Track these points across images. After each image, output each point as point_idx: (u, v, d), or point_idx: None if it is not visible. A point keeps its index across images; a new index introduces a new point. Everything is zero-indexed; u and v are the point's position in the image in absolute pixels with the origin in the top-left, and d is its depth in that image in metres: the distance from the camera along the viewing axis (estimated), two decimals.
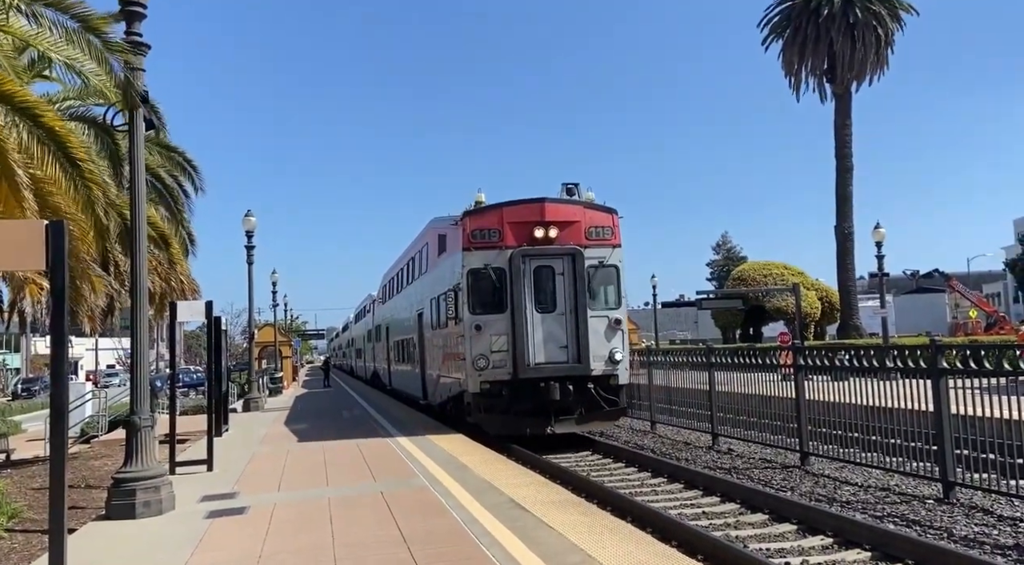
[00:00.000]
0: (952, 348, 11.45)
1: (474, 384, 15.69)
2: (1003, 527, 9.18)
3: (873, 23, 41.40)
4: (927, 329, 58.09)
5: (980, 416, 10.32)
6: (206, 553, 7.68)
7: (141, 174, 10.23)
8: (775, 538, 9.14)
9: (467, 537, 7.67)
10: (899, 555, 8.03)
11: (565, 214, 16.45)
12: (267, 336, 47.02)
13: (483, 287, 16.09)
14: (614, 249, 16.65)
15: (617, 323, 16.42)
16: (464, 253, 16.15)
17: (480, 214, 16.51)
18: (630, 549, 6.98)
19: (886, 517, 9.93)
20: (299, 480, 11.88)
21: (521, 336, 15.59)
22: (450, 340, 17.39)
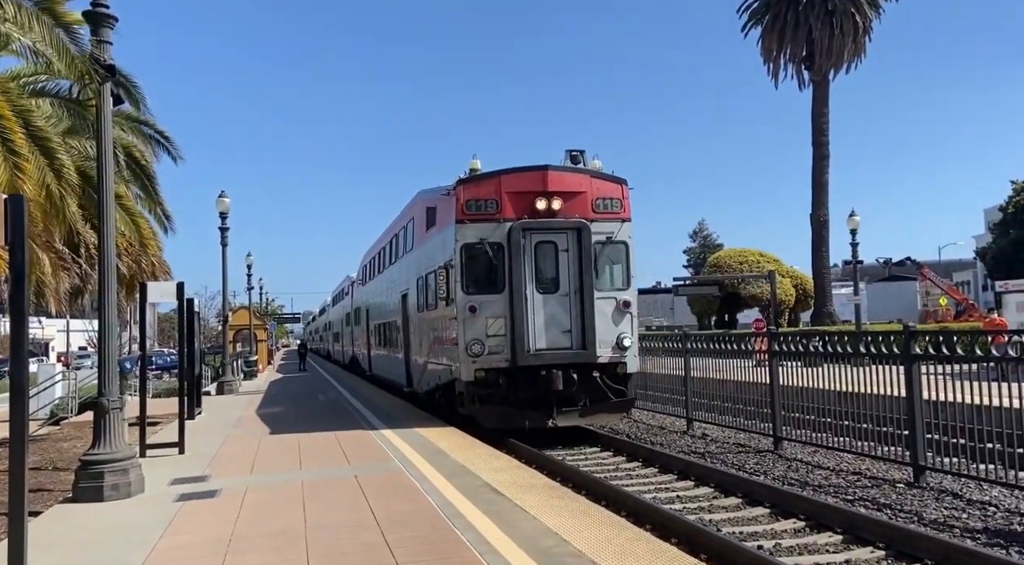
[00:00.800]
0: (924, 334, 11.53)
1: (468, 372, 14.27)
2: (972, 510, 9.29)
3: (851, 10, 41.50)
4: (899, 316, 58.83)
5: (950, 401, 10.44)
6: (175, 536, 7.56)
7: (109, 150, 9.99)
8: (748, 521, 9.19)
9: (441, 520, 7.62)
10: (870, 538, 8.09)
11: (570, 184, 14.92)
12: (242, 319, 46.59)
13: (478, 264, 14.63)
14: (623, 223, 15.13)
15: (626, 305, 14.97)
16: (457, 226, 14.58)
17: (475, 183, 14.89)
18: (604, 532, 6.96)
19: (858, 500, 10.02)
20: (272, 463, 11.75)
21: (520, 319, 14.21)
22: (440, 323, 15.99)
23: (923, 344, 10.82)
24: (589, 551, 6.34)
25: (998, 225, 54.85)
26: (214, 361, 38.38)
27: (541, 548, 6.49)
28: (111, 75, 9.79)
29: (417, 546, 6.78)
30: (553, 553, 6.35)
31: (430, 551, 6.62)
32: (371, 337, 29.06)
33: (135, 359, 13.63)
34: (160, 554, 6.95)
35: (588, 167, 15.79)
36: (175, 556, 6.88)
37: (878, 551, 7.79)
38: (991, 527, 8.63)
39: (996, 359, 9.99)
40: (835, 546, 8.09)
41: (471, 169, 15.44)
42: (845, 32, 41.36)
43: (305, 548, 6.87)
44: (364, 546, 6.85)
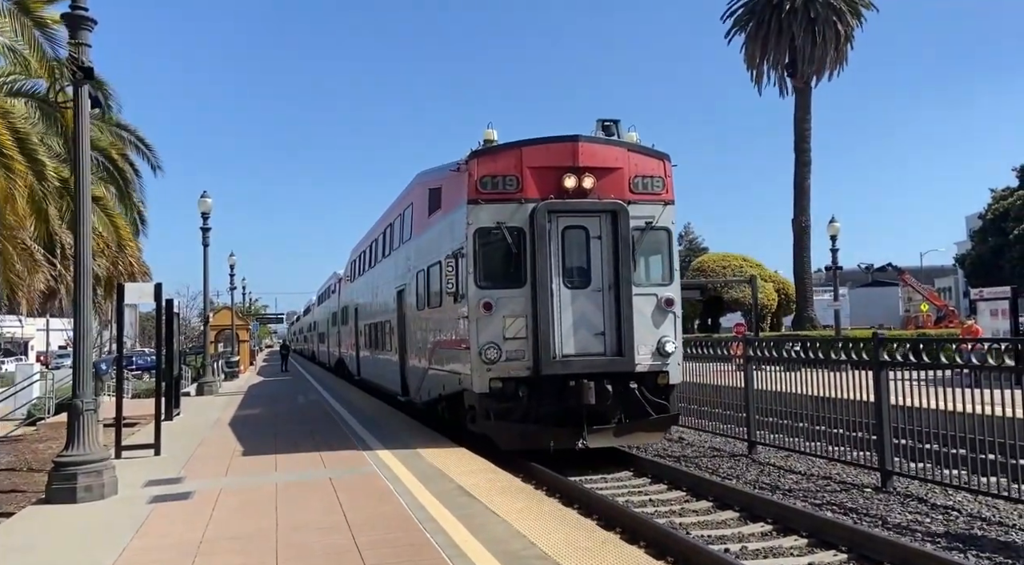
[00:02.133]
0: (896, 341, 11.72)
1: (481, 381, 11.97)
2: (935, 515, 9.47)
3: (833, 19, 41.96)
4: (880, 322, 59.42)
5: (918, 407, 10.63)
6: (145, 538, 7.60)
7: (86, 152, 10.01)
8: (718, 525, 9.32)
9: (412, 522, 7.70)
10: (833, 541, 8.24)
11: (604, 158, 12.63)
12: (224, 319, 46.39)
13: (495, 253, 12.42)
14: (665, 206, 12.85)
15: (668, 304, 12.70)
16: (470, 207, 12.28)
17: (492, 155, 12.51)
18: (574, 535, 7.06)
19: (825, 505, 10.18)
20: (247, 465, 11.78)
21: (545, 319, 11.99)
22: (446, 323, 13.75)
23: (891, 351, 10.99)
24: (556, 554, 6.43)
25: (978, 232, 55.52)
26: (195, 361, 38.25)
27: (510, 550, 6.58)
28: (89, 77, 9.82)
29: (388, 549, 6.85)
30: (521, 555, 6.44)
31: (397, 540, 6.69)
32: (360, 338, 26.81)
33: (112, 360, 13.58)
34: (130, 555, 6.99)
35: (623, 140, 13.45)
36: (144, 558, 6.92)
37: (841, 554, 7.94)
38: (952, 531, 8.81)
39: (959, 366, 10.18)
40: (800, 549, 8.24)
41: (485, 140, 12.90)
42: (827, 40, 41.82)
43: (275, 551, 6.93)
44: (334, 548, 6.92)
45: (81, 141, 9.86)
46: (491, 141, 12.93)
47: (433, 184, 15.10)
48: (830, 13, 41.87)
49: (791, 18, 42.01)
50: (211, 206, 28.62)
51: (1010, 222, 49.17)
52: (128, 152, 18.09)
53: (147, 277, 19.26)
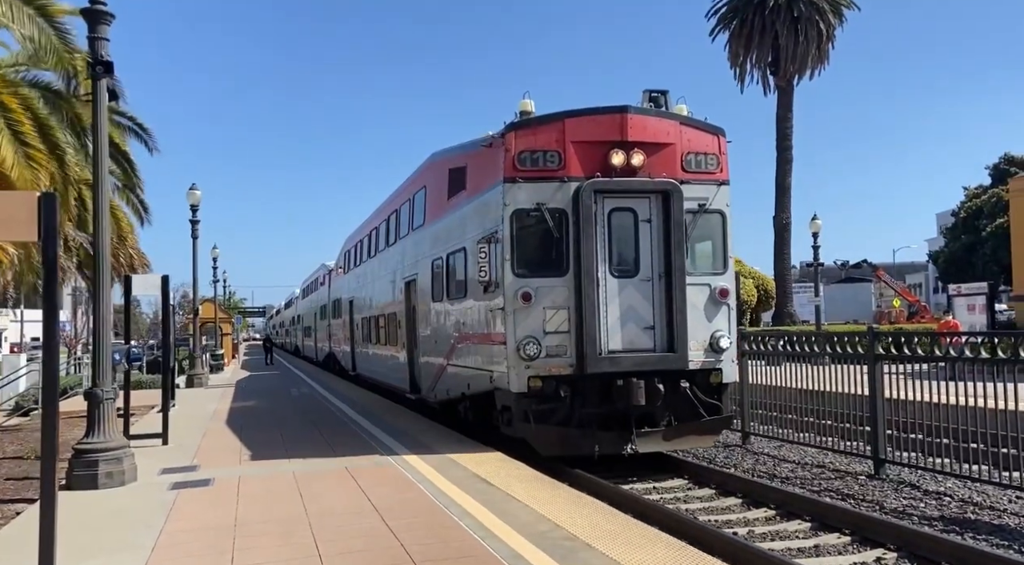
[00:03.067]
0: (887, 336, 12.17)
1: (519, 380, 10.95)
2: (929, 500, 9.92)
3: (816, 18, 42.53)
4: (854, 317, 60.45)
5: (909, 400, 11.11)
6: (178, 522, 7.83)
7: (104, 144, 10.17)
8: (722, 510, 9.72)
9: (439, 509, 7.99)
10: (836, 524, 8.66)
11: (655, 132, 11.57)
12: (207, 312, 46.16)
13: (533, 237, 11.33)
14: (720, 187, 11.84)
15: (723, 295, 11.76)
16: (506, 186, 11.19)
17: (531, 128, 11.42)
18: (595, 519, 7.39)
19: (823, 491, 10.62)
20: (259, 455, 11.98)
21: (591, 311, 10.96)
22: (473, 315, 12.63)
23: (885, 344, 11.45)
24: (583, 535, 6.77)
25: (950, 230, 56.57)
26: (179, 354, 38.13)
27: (537, 532, 6.89)
28: (109, 71, 9.96)
29: (418, 531, 7.13)
30: (548, 537, 6.76)
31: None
32: (356, 332, 25.68)
33: (124, 352, 13.71)
34: (168, 538, 7.23)
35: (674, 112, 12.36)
36: (184, 540, 7.16)
37: (844, 537, 8.35)
38: (947, 515, 9.26)
39: (952, 359, 10.65)
40: (804, 532, 8.64)
41: (521, 112, 11.80)
42: (810, 39, 42.39)
43: (311, 533, 7.19)
44: (367, 531, 7.20)
45: (100, 134, 10.00)
46: (528, 113, 11.77)
47: (455, 163, 13.94)
48: (813, 12, 42.44)
49: (775, 16, 42.54)
50: (200, 198, 28.63)
51: (982, 219, 50.19)
52: (127, 139, 18.07)
53: (147, 268, 19.35)
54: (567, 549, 6.40)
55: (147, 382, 26.28)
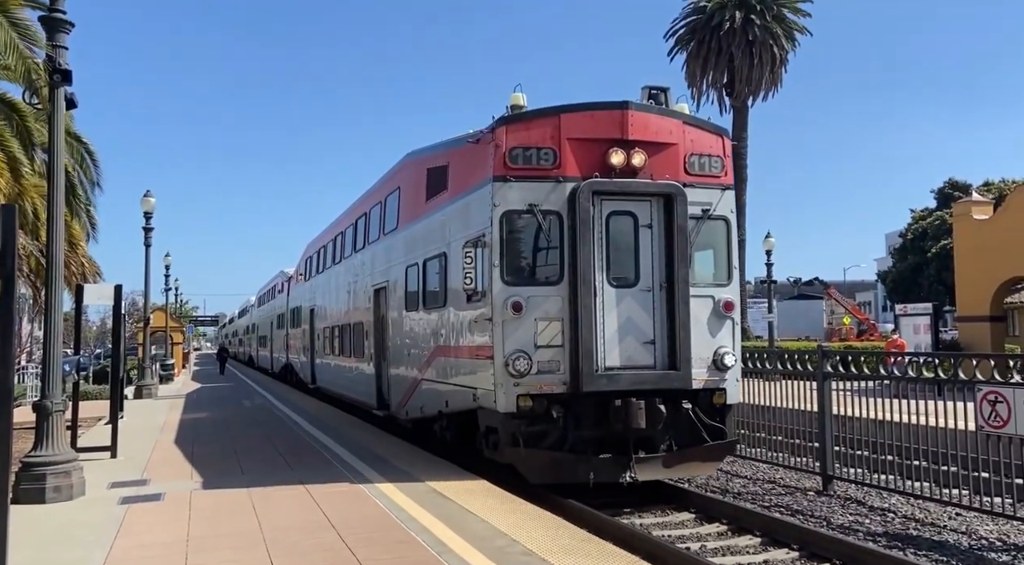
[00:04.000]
0: (835, 354, 12.51)
1: (507, 399, 9.96)
2: (874, 516, 10.21)
3: (770, 42, 43.56)
4: (806, 333, 61.67)
5: (856, 416, 11.45)
6: (129, 537, 7.70)
7: (61, 154, 10.06)
8: (676, 526, 9.88)
9: (392, 521, 7.99)
10: (785, 540, 8.88)
11: (657, 131, 10.74)
12: (158, 321, 45.31)
13: (525, 242, 10.49)
14: (724, 192, 11.04)
15: (728, 308, 10.85)
16: (497, 184, 10.29)
17: (524, 123, 10.54)
18: (552, 534, 7.46)
19: (773, 506, 10.86)
20: (211, 468, 11.82)
21: (587, 323, 10.05)
22: (453, 326, 11.67)
23: (834, 362, 11.77)
24: (540, 550, 6.84)
25: (898, 250, 58.17)
26: (128, 364, 37.35)
27: (495, 547, 6.93)
28: (67, 80, 9.83)
29: (375, 547, 7.13)
30: (507, 552, 6.81)
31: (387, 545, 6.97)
32: (317, 342, 24.53)
33: (71, 363, 13.37)
34: (119, 553, 7.11)
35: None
36: (135, 556, 7.06)
37: (792, 552, 8.57)
38: (890, 531, 9.55)
39: (897, 378, 11.01)
40: (754, 548, 8.85)
41: (513, 106, 10.88)
42: (764, 63, 43.40)
43: (266, 547, 7.14)
44: (324, 546, 7.18)
45: (57, 143, 9.88)
46: (520, 107, 10.86)
47: (434, 162, 13.04)
48: (767, 36, 43.47)
49: (731, 39, 43.46)
50: (154, 205, 28.07)
51: (928, 241, 51.75)
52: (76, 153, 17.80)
53: (99, 277, 18.97)
54: (523, 564, 6.46)
55: (94, 392, 25.70)
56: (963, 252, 26.37)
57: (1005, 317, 30.00)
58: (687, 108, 11.73)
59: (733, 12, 43.08)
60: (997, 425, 8.83)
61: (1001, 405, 8.76)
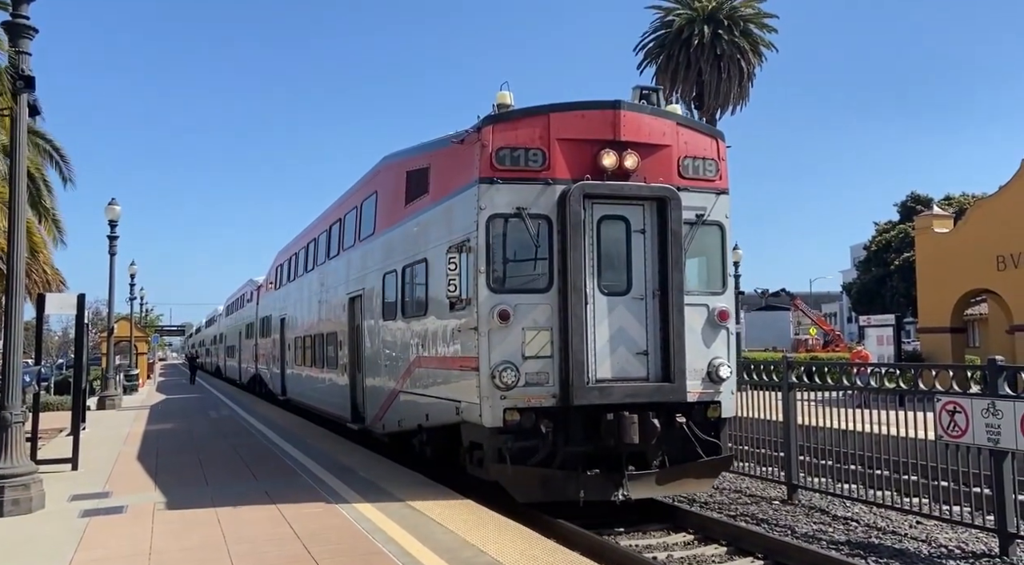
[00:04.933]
0: (800, 365, 12.69)
1: (493, 413, 9.52)
2: (837, 525, 10.36)
3: (738, 56, 44.20)
4: (773, 344, 62.42)
5: (821, 426, 11.60)
6: (89, 551, 7.58)
7: (22, 161, 9.91)
8: (643, 535, 9.91)
9: (362, 534, 7.95)
10: (750, 549, 8.98)
11: (650, 132, 10.35)
12: (122, 331, 44.61)
13: (512, 247, 9.98)
14: (719, 196, 10.65)
15: (722, 317, 10.46)
16: (483, 187, 9.85)
17: (511, 122, 10.09)
18: (519, 546, 7.47)
19: (739, 516, 10.96)
20: (175, 480, 11.65)
21: (578, 333, 9.65)
22: (435, 336, 11.26)
23: (798, 374, 11.93)
24: (507, 561, 6.84)
25: (862, 263, 59.06)
26: (91, 374, 36.71)
27: (462, 558, 6.92)
28: (30, 86, 9.70)
29: (343, 558, 7.08)
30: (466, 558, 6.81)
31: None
32: (288, 352, 23.86)
33: (34, 372, 13.12)
34: None
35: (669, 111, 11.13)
36: None
37: (757, 561, 8.67)
38: (853, 540, 9.69)
39: (860, 388, 11.19)
40: (720, 557, 8.93)
41: (499, 105, 10.44)
42: (732, 77, 44.03)
43: (230, 560, 7.07)
44: (290, 558, 7.12)
45: (19, 150, 9.73)
46: (507, 105, 10.39)
47: (414, 165, 12.59)
48: (735, 51, 44.10)
49: (699, 54, 44.01)
50: (119, 213, 27.66)
51: (891, 254, 52.62)
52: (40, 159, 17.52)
53: (63, 286, 18.64)
54: None
55: (55, 403, 25.20)
56: (924, 264, 26.90)
57: (965, 328, 30.63)
58: (680, 109, 11.32)
59: (701, 27, 43.68)
60: (956, 435, 9.01)
61: (959, 415, 8.94)
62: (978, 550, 9.08)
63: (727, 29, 43.92)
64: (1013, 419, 8.36)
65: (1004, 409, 8.47)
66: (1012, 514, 8.65)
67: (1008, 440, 8.43)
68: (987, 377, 8.91)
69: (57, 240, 18.21)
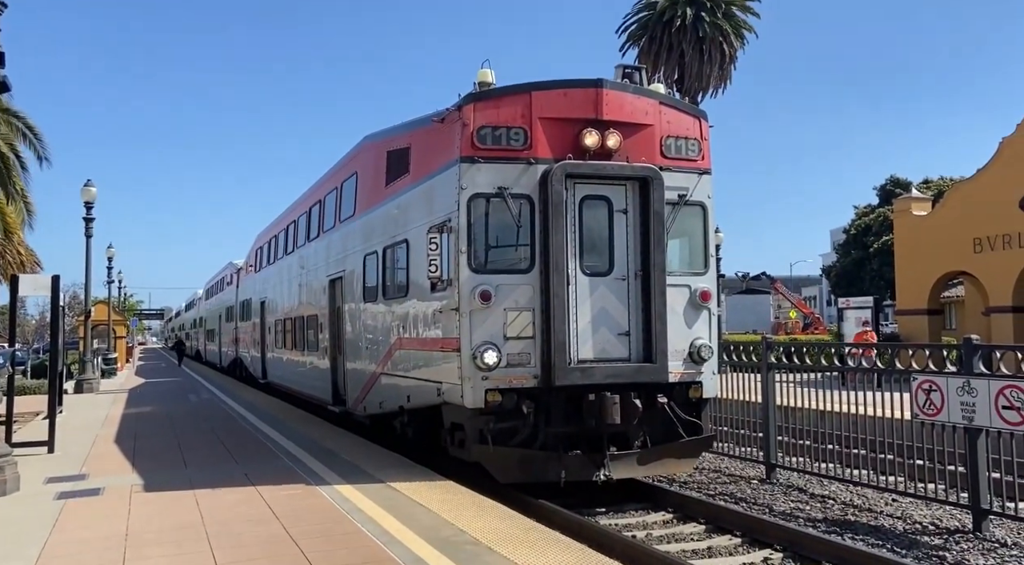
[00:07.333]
0: (779, 346, 12.78)
1: (474, 394, 9.50)
2: (814, 503, 10.45)
3: (720, 39, 44.15)
4: (754, 327, 62.89)
5: (799, 407, 11.70)
6: (65, 533, 7.51)
7: None
8: (623, 514, 9.97)
9: (341, 515, 7.93)
10: (728, 527, 9.04)
11: (633, 111, 10.25)
12: (100, 314, 44.21)
13: (494, 227, 9.93)
14: (701, 176, 10.60)
15: (704, 298, 10.47)
16: (464, 166, 9.76)
17: (493, 100, 9.98)
18: (498, 524, 7.48)
19: (718, 495, 11.03)
20: (153, 462, 11.57)
21: (560, 313, 9.59)
22: (416, 317, 11.20)
23: (777, 354, 12.01)
24: (487, 540, 6.85)
25: (841, 246, 59.50)
26: (67, 358, 36.36)
27: (442, 537, 6.92)
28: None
29: (320, 538, 7.06)
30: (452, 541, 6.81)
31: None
32: (269, 336, 23.77)
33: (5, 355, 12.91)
34: (54, 549, 6.93)
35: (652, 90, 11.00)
36: (70, 551, 6.88)
37: (735, 538, 8.73)
38: (830, 517, 9.78)
39: (837, 369, 11.27)
40: (699, 535, 9.00)
41: (480, 83, 10.25)
42: (713, 59, 43.99)
43: (208, 541, 7.02)
44: (267, 538, 7.08)
45: None
46: (488, 84, 10.23)
47: (395, 145, 12.47)
48: (717, 33, 44.05)
49: (681, 36, 43.92)
50: (95, 195, 27.33)
51: (871, 237, 53.03)
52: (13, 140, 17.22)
53: (38, 267, 18.37)
54: (470, 553, 6.47)
55: (32, 387, 24.95)
56: (903, 247, 27.13)
57: (942, 310, 30.96)
58: (663, 88, 11.25)
59: (684, 8, 43.57)
60: (931, 413, 9.10)
61: (935, 393, 9.02)
62: (952, 526, 9.19)
63: (709, 11, 43.85)
64: (988, 397, 8.45)
65: (979, 387, 8.55)
66: (985, 491, 8.76)
67: (982, 418, 8.52)
68: (963, 356, 9.00)
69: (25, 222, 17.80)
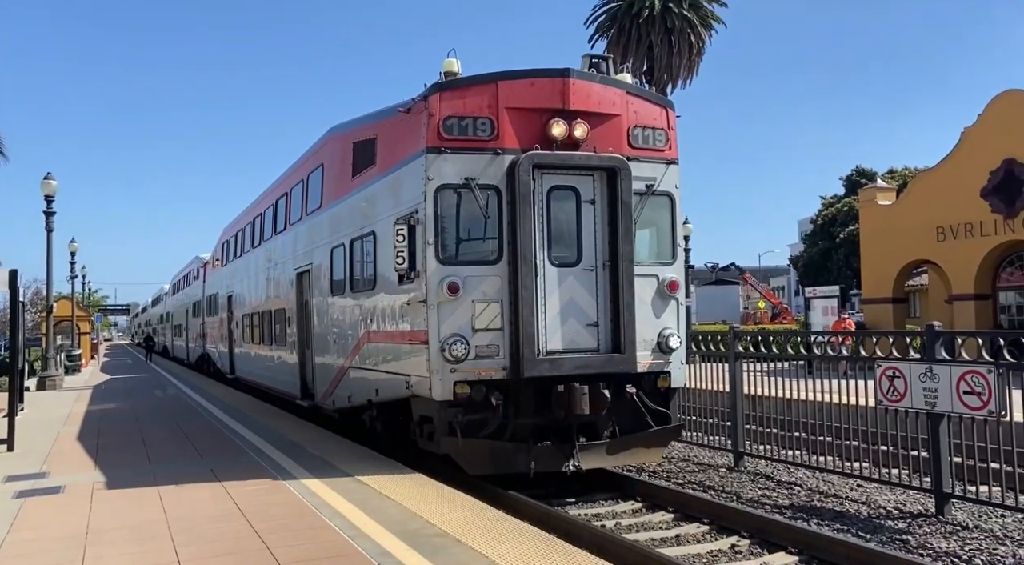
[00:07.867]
0: (746, 335, 12.86)
1: (443, 386, 9.48)
2: (781, 490, 10.55)
3: (688, 31, 44.35)
4: (723, 317, 63.39)
5: (767, 395, 11.79)
6: (23, 532, 7.34)
7: None
8: (594, 505, 9.99)
9: (308, 509, 7.84)
10: (697, 515, 9.10)
11: (600, 101, 10.27)
12: (64, 310, 43.41)
13: (461, 218, 9.86)
14: (668, 166, 10.65)
15: (672, 287, 10.52)
16: (430, 156, 9.71)
17: (459, 90, 9.95)
18: (466, 515, 7.45)
19: (687, 483, 11.10)
20: (116, 460, 11.37)
21: (529, 305, 9.61)
22: (383, 310, 11.14)
23: (745, 344, 12.09)
24: (454, 531, 6.81)
25: (809, 236, 60.21)
26: (29, 355, 35.66)
27: (409, 530, 6.87)
28: None
29: (287, 533, 6.98)
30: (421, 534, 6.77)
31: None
32: (236, 330, 23.62)
33: None
34: (12, 548, 6.77)
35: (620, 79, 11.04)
36: (28, 550, 6.72)
37: (703, 526, 8.79)
38: (796, 503, 9.88)
39: (803, 357, 11.37)
40: (667, 523, 9.06)
41: (447, 73, 10.27)
42: (682, 51, 44.21)
43: (171, 538, 6.91)
44: (231, 535, 6.98)
45: None
46: (454, 74, 10.23)
47: (361, 136, 12.37)
48: (685, 25, 44.24)
49: (650, 27, 44.04)
50: (56, 188, 26.90)
51: (837, 227, 53.71)
52: None
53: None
54: (437, 545, 6.43)
55: None
56: (868, 237, 27.48)
57: (907, 299, 31.46)
58: (630, 78, 11.24)
59: (652, 0, 43.72)
60: (895, 399, 9.21)
61: (898, 380, 9.14)
62: (915, 510, 9.33)
63: (677, 2, 44.06)
64: (949, 383, 8.57)
65: (941, 373, 8.68)
66: (947, 475, 8.90)
67: (944, 403, 8.65)
68: (925, 343, 9.12)
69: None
